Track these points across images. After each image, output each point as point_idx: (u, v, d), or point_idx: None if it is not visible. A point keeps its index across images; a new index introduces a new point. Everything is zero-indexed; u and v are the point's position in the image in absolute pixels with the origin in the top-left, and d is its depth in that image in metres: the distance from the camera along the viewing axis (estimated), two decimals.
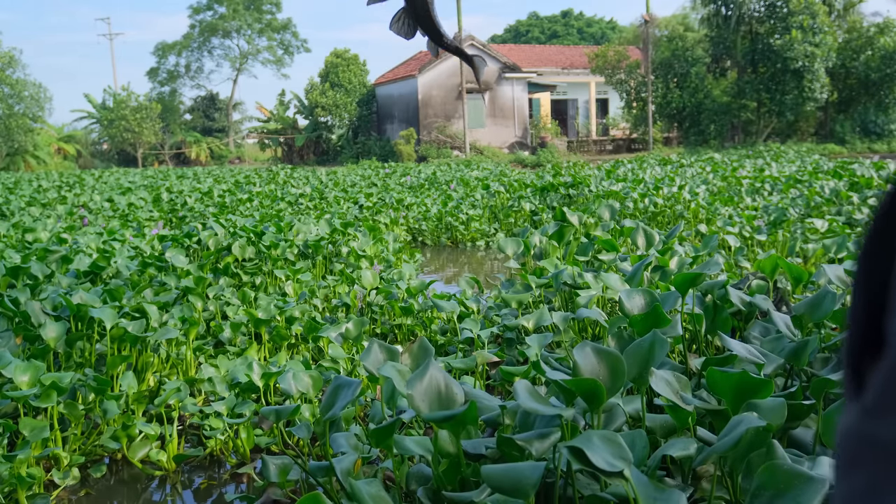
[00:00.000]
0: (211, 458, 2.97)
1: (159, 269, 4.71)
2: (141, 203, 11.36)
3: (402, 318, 4.14)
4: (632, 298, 2.63)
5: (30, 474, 2.49)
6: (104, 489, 2.79)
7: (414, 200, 10.74)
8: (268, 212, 9.72)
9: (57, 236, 6.63)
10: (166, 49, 41.59)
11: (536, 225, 8.57)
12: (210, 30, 41.05)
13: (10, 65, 33.42)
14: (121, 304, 3.61)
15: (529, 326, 3.35)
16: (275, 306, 3.92)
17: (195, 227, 6.77)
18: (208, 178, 18.83)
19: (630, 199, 8.61)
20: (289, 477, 2.28)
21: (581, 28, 57.12)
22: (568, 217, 5.44)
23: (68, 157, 36.94)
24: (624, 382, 1.80)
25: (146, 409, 3.14)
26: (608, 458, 1.49)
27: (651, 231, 4.50)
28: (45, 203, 12.21)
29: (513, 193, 10.56)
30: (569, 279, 3.73)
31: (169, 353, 3.56)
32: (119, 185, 16.50)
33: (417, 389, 1.80)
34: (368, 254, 5.94)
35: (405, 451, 1.88)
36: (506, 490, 1.51)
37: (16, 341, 3.24)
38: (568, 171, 14.17)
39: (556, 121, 32.27)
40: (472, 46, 30.09)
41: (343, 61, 34.49)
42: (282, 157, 36.60)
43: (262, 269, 5.34)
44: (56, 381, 2.63)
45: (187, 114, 41.85)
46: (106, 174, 23.59)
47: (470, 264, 7.84)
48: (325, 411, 1.98)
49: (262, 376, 2.93)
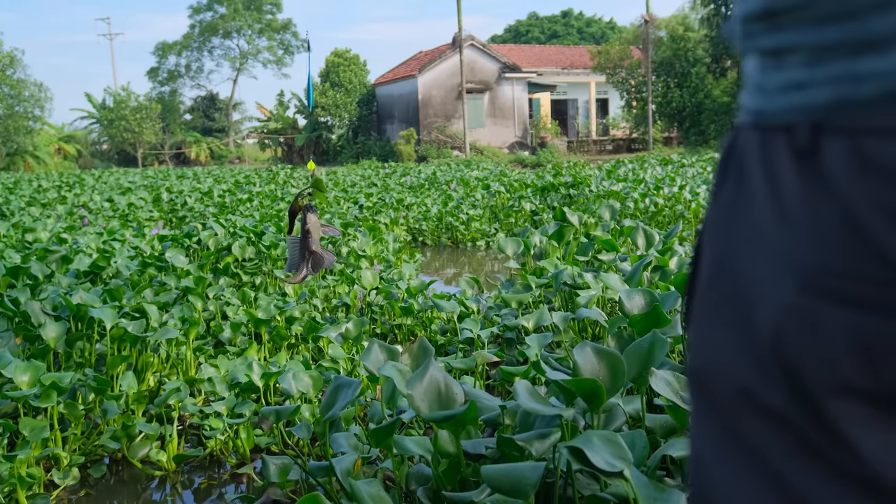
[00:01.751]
0: (211, 458, 2.97)
1: (159, 269, 4.71)
2: (141, 203, 11.35)
3: (402, 318, 4.14)
4: (632, 298, 2.63)
5: (30, 474, 2.49)
6: (104, 489, 2.79)
7: (414, 200, 10.74)
8: (268, 212, 9.72)
9: (57, 236, 6.63)
10: (166, 49, 41.61)
11: (537, 225, 8.57)
12: (210, 30, 41.06)
13: (11, 65, 33.43)
14: (121, 304, 3.60)
15: (529, 326, 3.35)
16: (275, 306, 3.92)
17: (195, 227, 6.76)
18: (208, 178, 18.83)
19: (631, 199, 8.61)
20: (289, 477, 2.28)
21: (581, 28, 57.11)
22: (568, 217, 5.44)
23: (68, 157, 36.95)
24: (624, 382, 1.80)
25: (146, 409, 3.14)
26: (608, 459, 1.49)
27: (651, 231, 4.50)
28: (45, 203, 12.22)
29: (513, 193, 10.56)
30: (569, 279, 3.73)
31: (169, 353, 3.56)
32: (119, 185, 16.51)
33: (417, 389, 1.80)
34: (368, 254, 5.94)
35: (405, 451, 1.88)
36: (506, 490, 1.51)
37: (16, 341, 3.24)
38: (569, 171, 14.17)
39: (556, 121, 32.27)
40: (472, 46, 30.11)
41: (344, 61, 34.51)
42: (282, 157, 36.60)
43: (262, 269, 5.34)
44: (56, 381, 2.63)
45: (187, 114, 41.87)
46: (106, 174, 23.61)
47: (470, 264, 7.84)
48: (325, 411, 1.98)
49: (262, 376, 2.93)
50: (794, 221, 0.43)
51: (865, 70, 0.40)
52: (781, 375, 0.44)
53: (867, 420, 0.42)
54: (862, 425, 0.42)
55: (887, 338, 0.40)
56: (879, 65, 0.39)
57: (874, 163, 0.39)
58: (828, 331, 0.41)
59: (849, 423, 0.42)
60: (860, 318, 0.40)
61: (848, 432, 0.42)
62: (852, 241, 0.40)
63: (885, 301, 0.39)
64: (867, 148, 0.39)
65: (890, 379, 0.41)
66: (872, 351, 0.40)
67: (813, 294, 0.42)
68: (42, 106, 34.32)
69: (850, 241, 0.40)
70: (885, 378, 0.41)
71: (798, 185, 0.42)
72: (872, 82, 0.40)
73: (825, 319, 0.41)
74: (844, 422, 0.42)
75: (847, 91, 0.41)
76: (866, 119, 0.40)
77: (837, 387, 0.42)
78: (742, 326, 0.47)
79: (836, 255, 0.41)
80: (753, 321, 0.46)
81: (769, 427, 0.45)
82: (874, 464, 0.41)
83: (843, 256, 0.40)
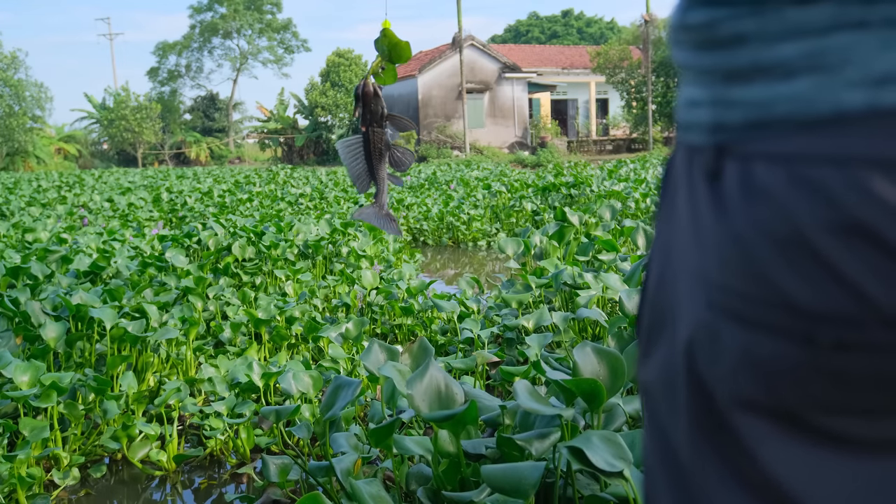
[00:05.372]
0: (211, 458, 2.96)
1: (159, 269, 4.71)
2: (141, 203, 11.35)
3: (403, 318, 4.14)
4: (632, 298, 2.63)
5: (30, 474, 2.49)
6: (104, 489, 2.79)
7: (414, 200, 10.74)
8: (268, 212, 9.72)
9: (57, 236, 6.63)
10: (166, 49, 41.61)
11: (538, 225, 8.57)
12: (210, 30, 41.06)
13: (12, 65, 33.44)
14: (121, 304, 3.60)
15: (529, 326, 3.35)
16: (275, 306, 3.92)
17: (195, 227, 6.76)
18: (208, 178, 18.83)
19: (632, 198, 8.61)
20: (289, 477, 2.28)
21: (581, 28, 57.13)
22: (568, 217, 5.44)
23: (68, 157, 36.97)
24: (624, 382, 1.80)
25: (146, 409, 3.14)
26: (608, 459, 1.49)
27: (651, 231, 4.50)
28: (45, 203, 12.22)
29: (514, 193, 10.56)
30: (569, 279, 3.73)
31: (169, 353, 3.56)
32: (119, 185, 16.51)
33: (417, 389, 1.80)
34: (368, 254, 5.94)
35: (405, 451, 1.88)
36: (506, 490, 1.51)
37: (16, 341, 3.24)
38: (570, 171, 14.17)
39: (556, 121, 32.26)
40: (472, 46, 30.10)
41: (345, 61, 34.52)
42: (282, 157, 36.61)
43: (262, 269, 5.34)
44: (56, 381, 2.63)
45: (187, 114, 41.88)
46: (106, 174, 23.61)
47: (471, 264, 7.84)
48: (325, 411, 1.98)
49: (262, 376, 2.93)
50: (704, 241, 0.44)
51: (734, 97, 0.42)
52: (694, 389, 0.46)
53: (771, 435, 0.43)
54: (766, 440, 0.43)
55: (777, 358, 0.41)
56: (744, 94, 0.41)
57: (755, 187, 0.40)
58: (727, 348, 0.43)
59: (753, 437, 0.43)
60: (752, 338, 0.42)
61: (754, 447, 0.43)
62: (742, 264, 0.41)
63: (771, 323, 0.41)
64: (752, 172, 0.40)
65: (785, 396, 0.42)
66: (765, 369, 0.41)
67: (717, 312, 0.43)
68: (42, 106, 34.35)
69: (740, 263, 0.41)
70: (781, 395, 0.42)
71: (708, 206, 0.43)
72: (739, 109, 0.41)
73: (725, 337, 0.43)
74: (750, 437, 0.43)
75: (721, 115, 0.42)
76: (745, 144, 0.41)
77: (739, 401, 0.43)
78: (668, 339, 0.49)
79: (732, 276, 0.42)
80: (675, 335, 0.47)
81: (688, 438, 0.47)
82: (779, 478, 0.42)
83: (737, 278, 0.42)
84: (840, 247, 0.37)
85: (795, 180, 0.38)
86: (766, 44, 0.40)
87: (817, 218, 0.37)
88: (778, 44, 0.39)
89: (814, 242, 0.38)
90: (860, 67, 0.37)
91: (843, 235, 0.37)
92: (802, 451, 0.42)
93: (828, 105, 0.38)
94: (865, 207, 0.36)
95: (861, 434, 0.41)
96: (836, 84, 0.37)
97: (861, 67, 0.37)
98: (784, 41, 0.39)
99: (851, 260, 0.37)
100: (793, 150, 0.39)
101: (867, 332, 0.38)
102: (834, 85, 0.37)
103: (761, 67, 0.40)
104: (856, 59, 0.37)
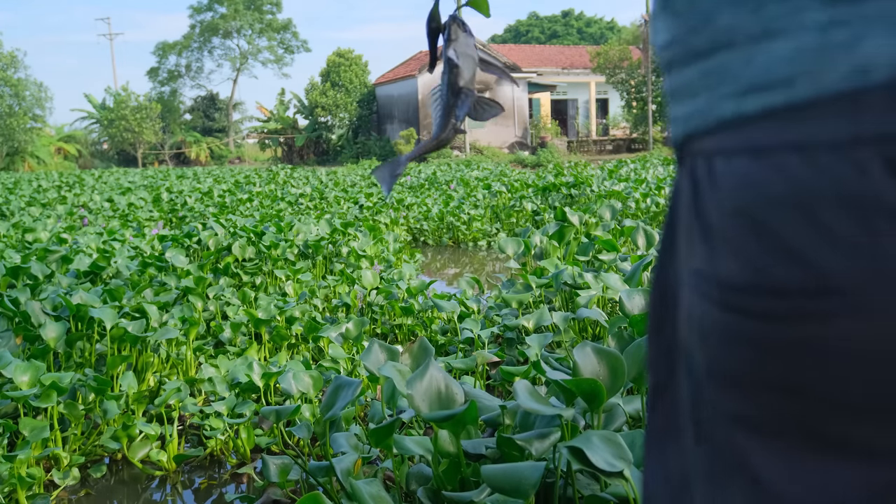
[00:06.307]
0: (211, 459, 2.96)
1: (159, 269, 4.71)
2: (141, 203, 11.35)
3: (403, 318, 4.14)
4: (632, 298, 2.63)
5: (30, 474, 2.49)
6: (104, 489, 2.79)
7: (414, 200, 10.74)
8: (268, 212, 9.72)
9: (57, 236, 6.63)
10: (167, 49, 41.61)
11: (538, 225, 8.56)
12: (210, 30, 41.05)
13: (11, 65, 33.45)
14: (121, 304, 3.60)
15: (530, 326, 3.35)
16: (275, 306, 3.92)
17: (195, 227, 6.76)
18: (208, 178, 18.83)
19: (632, 198, 8.61)
20: (289, 477, 2.28)
21: (581, 28, 57.13)
22: (568, 217, 5.43)
23: (68, 157, 36.96)
24: (624, 382, 1.80)
25: (146, 409, 3.14)
26: (608, 458, 1.49)
27: (651, 231, 4.50)
28: (45, 203, 12.22)
29: (514, 193, 10.56)
30: (569, 279, 3.73)
31: (169, 353, 3.56)
32: (119, 185, 16.51)
33: (417, 389, 1.80)
34: (369, 254, 5.94)
35: (405, 451, 1.88)
36: (506, 490, 1.51)
37: (16, 341, 3.24)
38: (570, 171, 14.16)
39: (556, 121, 32.25)
40: None
41: (345, 61, 34.51)
42: (282, 157, 36.60)
43: (262, 269, 5.33)
44: (56, 381, 2.63)
45: (187, 114, 41.87)
46: (106, 174, 23.61)
47: (471, 264, 7.84)
48: (326, 411, 1.98)
49: (262, 376, 2.93)
50: (692, 234, 0.47)
51: (674, 114, 0.50)
52: (691, 381, 0.48)
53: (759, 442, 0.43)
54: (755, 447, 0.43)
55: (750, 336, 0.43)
56: (675, 111, 0.49)
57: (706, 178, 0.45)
58: (715, 332, 0.45)
59: (744, 444, 0.44)
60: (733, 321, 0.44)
61: (746, 456, 0.44)
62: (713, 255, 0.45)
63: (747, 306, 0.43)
64: (696, 168, 0.46)
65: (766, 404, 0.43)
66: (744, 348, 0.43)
67: (703, 298, 0.46)
68: (42, 106, 34.36)
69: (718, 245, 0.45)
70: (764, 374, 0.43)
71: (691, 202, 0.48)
72: (679, 124, 0.49)
73: (713, 323, 0.45)
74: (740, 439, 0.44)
75: (678, 128, 0.50)
76: (703, 145, 0.46)
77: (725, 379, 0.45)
78: (669, 329, 0.52)
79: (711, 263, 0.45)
80: (676, 326, 0.50)
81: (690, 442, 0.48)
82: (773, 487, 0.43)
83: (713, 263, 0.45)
84: (734, 224, 0.43)
85: (715, 170, 0.45)
86: (679, 69, 0.48)
87: (720, 201, 0.44)
88: (685, 68, 0.47)
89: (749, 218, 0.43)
90: (731, 83, 0.43)
91: (732, 214, 0.43)
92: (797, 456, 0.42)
93: (714, 116, 0.44)
94: (742, 191, 0.42)
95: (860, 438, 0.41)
96: (717, 98, 0.44)
97: (731, 83, 0.43)
98: (687, 66, 0.47)
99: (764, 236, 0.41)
100: (711, 147, 0.45)
101: (817, 301, 0.40)
102: (716, 99, 0.44)
103: (679, 89, 0.48)
104: (728, 76, 0.43)
